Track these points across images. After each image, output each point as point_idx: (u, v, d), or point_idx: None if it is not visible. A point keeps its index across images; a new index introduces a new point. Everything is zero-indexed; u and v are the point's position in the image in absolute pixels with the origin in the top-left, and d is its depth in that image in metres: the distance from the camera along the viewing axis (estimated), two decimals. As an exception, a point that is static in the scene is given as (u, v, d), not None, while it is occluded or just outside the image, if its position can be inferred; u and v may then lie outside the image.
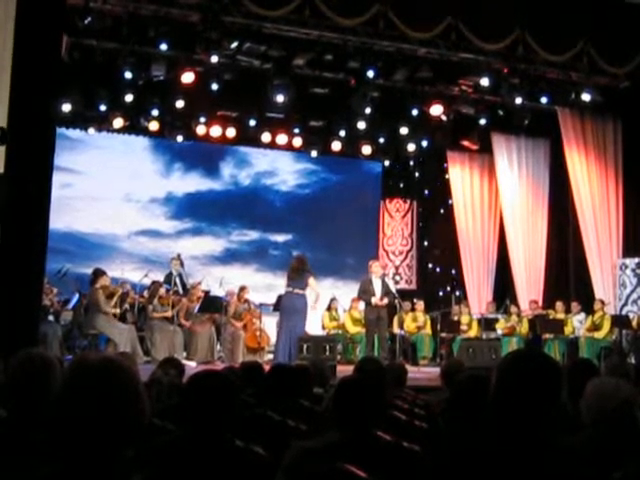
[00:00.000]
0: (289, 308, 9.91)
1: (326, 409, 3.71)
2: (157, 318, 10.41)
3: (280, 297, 10.58)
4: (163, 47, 9.74)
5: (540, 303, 12.53)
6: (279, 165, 14.95)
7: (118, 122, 11.97)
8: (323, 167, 15.09)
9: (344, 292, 13.35)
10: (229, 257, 14.44)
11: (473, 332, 12.33)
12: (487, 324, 12.22)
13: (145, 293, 11.05)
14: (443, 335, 12.30)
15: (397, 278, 14.92)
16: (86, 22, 8.99)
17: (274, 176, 14.97)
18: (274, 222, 14.72)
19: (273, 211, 14.83)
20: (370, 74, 10.31)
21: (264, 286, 12.79)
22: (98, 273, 10.17)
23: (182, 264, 11.69)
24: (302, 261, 10.16)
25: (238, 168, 14.74)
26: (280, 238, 14.81)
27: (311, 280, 9.87)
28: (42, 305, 8.85)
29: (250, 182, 14.80)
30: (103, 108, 11.49)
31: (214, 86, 10.60)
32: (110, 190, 13.56)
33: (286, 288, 10.01)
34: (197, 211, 14.31)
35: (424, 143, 13.36)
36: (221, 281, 11.61)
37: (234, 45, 9.78)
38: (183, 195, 14.30)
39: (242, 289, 11.51)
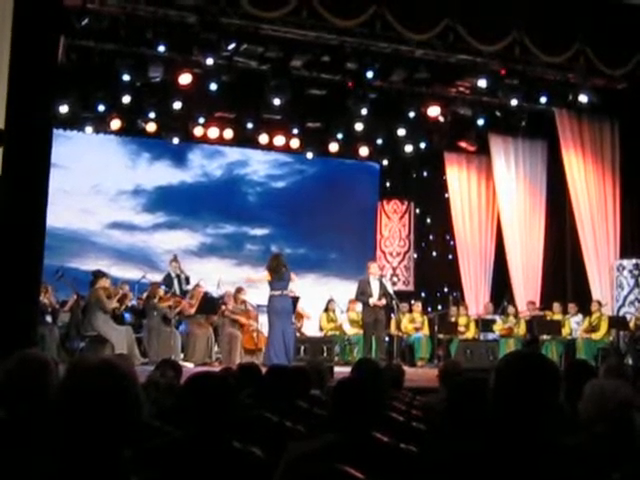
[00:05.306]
0: (280, 310, 9.90)
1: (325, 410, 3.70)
2: (156, 320, 10.41)
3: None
4: (161, 49, 9.73)
5: (537, 304, 12.54)
6: (260, 159, 14.91)
7: (115, 123, 11.96)
8: (321, 168, 15.04)
9: (329, 288, 13.42)
10: (205, 251, 14.35)
11: (470, 333, 12.34)
12: (484, 325, 12.22)
13: (144, 295, 11.05)
14: (440, 336, 12.29)
15: (394, 279, 14.93)
16: (83, 23, 8.97)
17: (246, 166, 14.91)
18: (256, 219, 14.67)
19: (261, 209, 14.77)
20: (367, 75, 10.31)
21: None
22: (98, 275, 10.18)
23: (180, 267, 11.63)
24: (278, 259, 10.22)
25: (210, 159, 14.65)
26: (259, 232, 14.74)
27: (292, 275, 10.18)
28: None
29: (223, 173, 14.75)
30: (101, 109, 11.49)
31: (211, 87, 10.58)
32: (78, 183, 13.40)
33: (273, 291, 9.98)
34: (171, 204, 14.17)
35: (421, 144, 13.34)
36: (219, 282, 11.57)
37: (231, 47, 9.78)
38: (153, 188, 14.16)
39: (239, 290, 11.45)
